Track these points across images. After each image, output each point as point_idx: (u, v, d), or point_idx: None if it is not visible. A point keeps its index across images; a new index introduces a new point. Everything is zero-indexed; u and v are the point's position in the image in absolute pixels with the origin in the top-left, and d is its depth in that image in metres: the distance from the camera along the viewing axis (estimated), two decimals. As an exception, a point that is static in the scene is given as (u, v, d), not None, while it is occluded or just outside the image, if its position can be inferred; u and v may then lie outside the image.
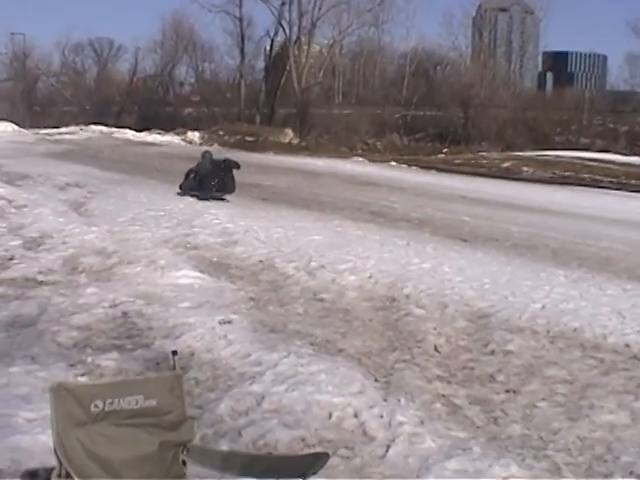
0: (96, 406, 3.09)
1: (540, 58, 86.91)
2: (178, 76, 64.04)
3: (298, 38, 51.62)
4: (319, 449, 4.84)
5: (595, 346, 7.30)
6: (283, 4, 51.28)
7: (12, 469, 4.41)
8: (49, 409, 3.06)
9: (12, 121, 45.78)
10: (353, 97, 58.05)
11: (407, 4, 58.80)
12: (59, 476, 3.04)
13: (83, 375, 6.02)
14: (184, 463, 3.30)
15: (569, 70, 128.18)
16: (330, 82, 56.96)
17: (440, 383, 6.23)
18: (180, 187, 16.85)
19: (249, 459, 3.72)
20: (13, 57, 62.86)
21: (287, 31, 52.40)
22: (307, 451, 4.80)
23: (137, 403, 3.16)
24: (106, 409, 3.10)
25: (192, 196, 16.20)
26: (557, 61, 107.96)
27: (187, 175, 17.05)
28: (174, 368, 3.46)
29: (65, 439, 3.02)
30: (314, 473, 3.07)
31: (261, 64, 58.67)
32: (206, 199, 15.95)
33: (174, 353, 3.52)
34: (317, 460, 3.13)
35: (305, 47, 51.83)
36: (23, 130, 43.93)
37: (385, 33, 59.07)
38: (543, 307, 8.48)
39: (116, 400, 3.12)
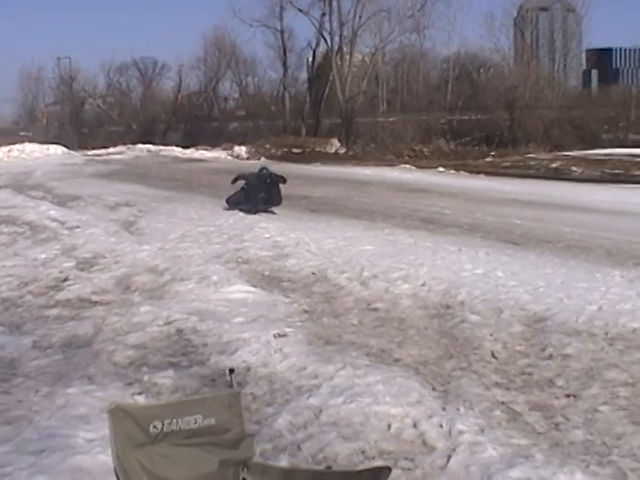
0: (155, 427, 3.07)
1: (584, 56, 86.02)
2: (222, 91, 64.46)
3: (340, 48, 51.70)
4: (379, 461, 4.81)
5: (655, 346, 7.17)
6: (323, 15, 51.46)
7: (73, 490, 4.44)
8: (108, 430, 3.06)
9: (61, 144, 46.38)
10: (398, 104, 57.97)
11: (447, 8, 58.60)
12: (121, 498, 3.04)
13: (140, 394, 6.05)
14: (245, 481, 3.28)
15: (614, 66, 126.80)
16: (374, 90, 56.98)
17: (499, 390, 6.16)
18: (227, 201, 16.92)
19: (310, 475, 3.69)
20: (60, 81, 63.89)
21: (329, 41, 52.57)
22: (367, 463, 4.76)
23: (196, 422, 3.14)
24: (165, 430, 3.09)
25: (240, 210, 16.24)
26: (601, 58, 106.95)
27: (235, 180, 17.14)
28: (231, 386, 3.44)
29: (125, 461, 3.01)
30: (376, 488, 3.03)
31: (304, 76, 58.87)
32: (254, 213, 15.99)
33: (231, 371, 3.51)
34: (379, 475, 3.08)
35: (347, 57, 51.92)
36: (72, 152, 44.51)
37: (427, 39, 58.96)
38: (600, 309, 8.35)
39: (175, 420, 3.10)
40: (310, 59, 56.89)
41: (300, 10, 51.92)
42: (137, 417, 3.06)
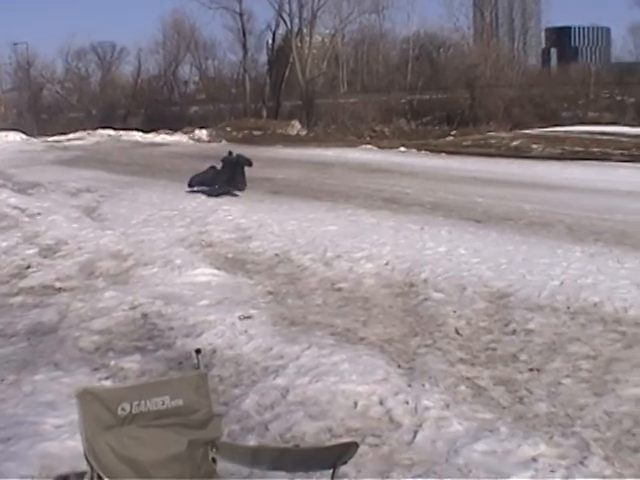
0: (123, 409, 3.09)
1: (543, 35, 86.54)
2: (182, 75, 64.07)
3: (300, 30, 51.59)
4: (347, 439, 4.85)
5: (616, 320, 7.28)
6: (283, -4, 51.25)
7: (43, 475, 4.45)
8: (76, 415, 3.07)
9: (20, 130, 45.86)
10: (358, 85, 57.97)
11: (406, -12, 58.61)
12: (91, 480, 3.05)
13: (107, 379, 6.06)
14: (214, 460, 3.30)
15: (573, 45, 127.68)
16: (334, 72, 56.89)
17: (463, 366, 6.23)
18: (190, 182, 16.86)
19: (278, 453, 3.73)
20: (17, 67, 63.10)
21: (288, 23, 52.41)
22: (335, 441, 4.81)
23: (164, 404, 3.17)
24: (133, 411, 3.11)
25: (203, 193, 16.20)
26: (560, 36, 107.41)
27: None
28: (198, 367, 3.47)
29: (95, 444, 3.03)
30: (344, 463, 3.07)
31: (264, 58, 58.66)
32: (216, 195, 15.95)
33: (198, 351, 3.53)
34: (346, 450, 3.12)
35: (307, 38, 51.79)
36: (31, 139, 43.95)
37: (386, 19, 59.10)
38: (562, 284, 8.47)
39: (143, 402, 3.12)
40: (270, 41, 56.74)
41: (259, -8, 51.73)
42: (105, 399, 3.08)
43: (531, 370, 6.10)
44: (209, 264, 9.93)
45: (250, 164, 16.66)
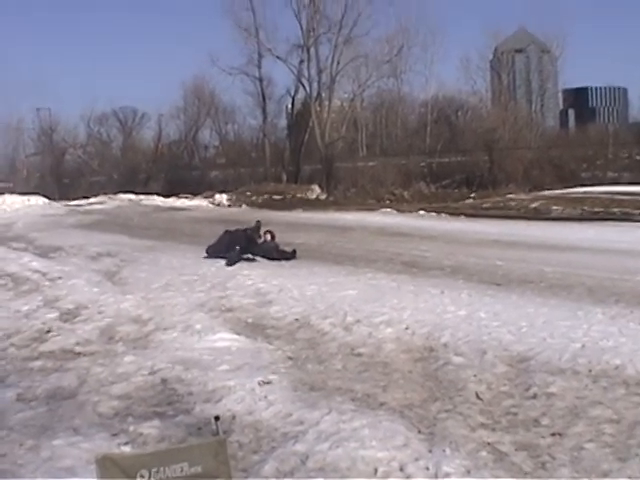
0: (142, 476, 3.09)
1: (560, 96, 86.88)
2: (202, 140, 64.98)
3: (319, 94, 52.20)
4: (367, 505, 4.81)
5: (639, 382, 7.20)
6: (302, 62, 52.05)
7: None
8: (95, 481, 3.07)
9: (42, 194, 46.34)
10: (377, 149, 58.43)
11: (424, 52, 58.97)
12: None
13: (126, 444, 6.03)
14: (233, 528, 3.29)
15: (590, 105, 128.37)
16: (353, 135, 57.42)
17: (484, 431, 6.17)
18: (207, 251, 16.96)
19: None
20: (40, 132, 64.15)
21: (307, 88, 53.13)
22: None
23: (182, 471, 3.16)
24: (152, 478, 3.10)
25: (223, 258, 16.22)
26: (578, 97, 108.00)
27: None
28: (217, 433, 3.46)
29: (113, 511, 3.02)
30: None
31: (284, 122, 59.37)
32: (234, 262, 15.91)
33: (217, 418, 3.53)
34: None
35: (326, 102, 52.37)
36: (53, 202, 44.45)
37: (404, 83, 59.72)
38: (583, 346, 8.39)
39: (162, 469, 3.12)
40: (289, 106, 57.48)
41: (278, 58, 52.61)
42: (124, 466, 3.08)
43: (553, 435, 6.04)
44: (229, 329, 9.92)
45: (258, 229, 16.97)
